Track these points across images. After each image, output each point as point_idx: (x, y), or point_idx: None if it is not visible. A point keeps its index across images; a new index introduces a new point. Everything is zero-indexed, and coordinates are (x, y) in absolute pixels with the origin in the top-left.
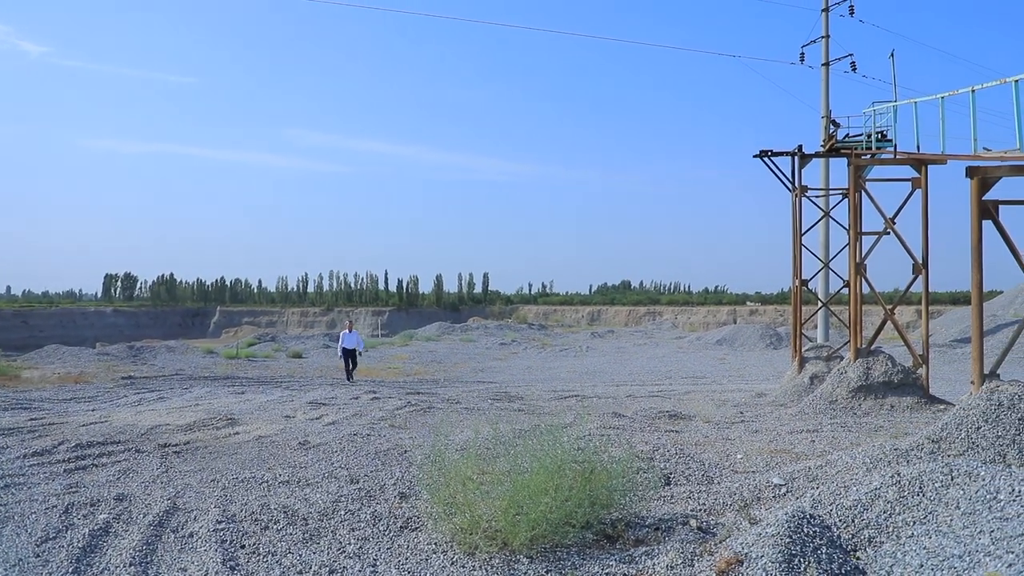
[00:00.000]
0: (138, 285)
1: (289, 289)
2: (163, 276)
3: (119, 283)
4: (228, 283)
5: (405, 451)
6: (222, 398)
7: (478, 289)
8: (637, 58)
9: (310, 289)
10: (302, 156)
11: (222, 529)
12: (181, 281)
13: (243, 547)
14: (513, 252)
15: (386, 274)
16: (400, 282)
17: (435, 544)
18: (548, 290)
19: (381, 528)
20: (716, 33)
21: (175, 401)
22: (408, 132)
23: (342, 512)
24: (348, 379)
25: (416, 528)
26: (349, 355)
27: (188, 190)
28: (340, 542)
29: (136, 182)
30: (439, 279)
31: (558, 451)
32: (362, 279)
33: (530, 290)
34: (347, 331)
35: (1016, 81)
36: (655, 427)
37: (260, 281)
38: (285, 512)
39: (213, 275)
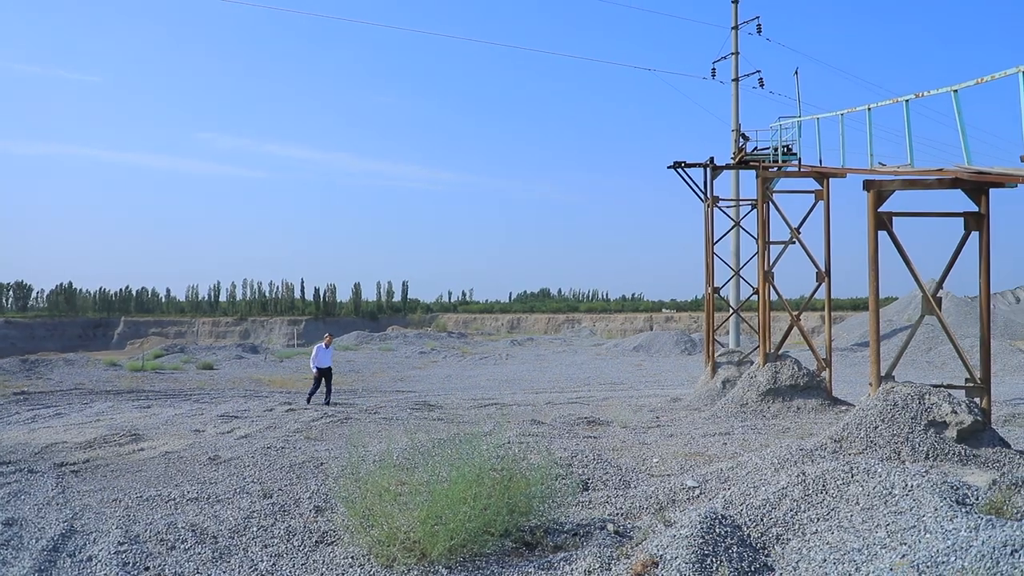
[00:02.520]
0: (33, 294)
1: (200, 298)
2: (61, 285)
3: (11, 292)
4: (134, 292)
5: (321, 463)
6: (126, 413)
7: (397, 298)
8: (556, 69)
9: (222, 298)
10: (214, 160)
11: (124, 551)
12: (81, 290)
13: (147, 569)
14: (433, 260)
15: (302, 283)
16: (317, 291)
17: (352, 558)
18: (468, 298)
19: (295, 543)
20: (633, 47)
21: (74, 417)
22: (327, 138)
23: (254, 528)
24: (325, 401)
25: (332, 542)
26: (325, 374)
27: (90, 194)
28: (252, 560)
29: (31, 185)
30: (357, 287)
31: (477, 460)
32: (277, 288)
33: (450, 298)
34: (323, 345)
35: (907, 101)
36: (574, 433)
37: (168, 290)
38: (193, 530)
39: (117, 284)
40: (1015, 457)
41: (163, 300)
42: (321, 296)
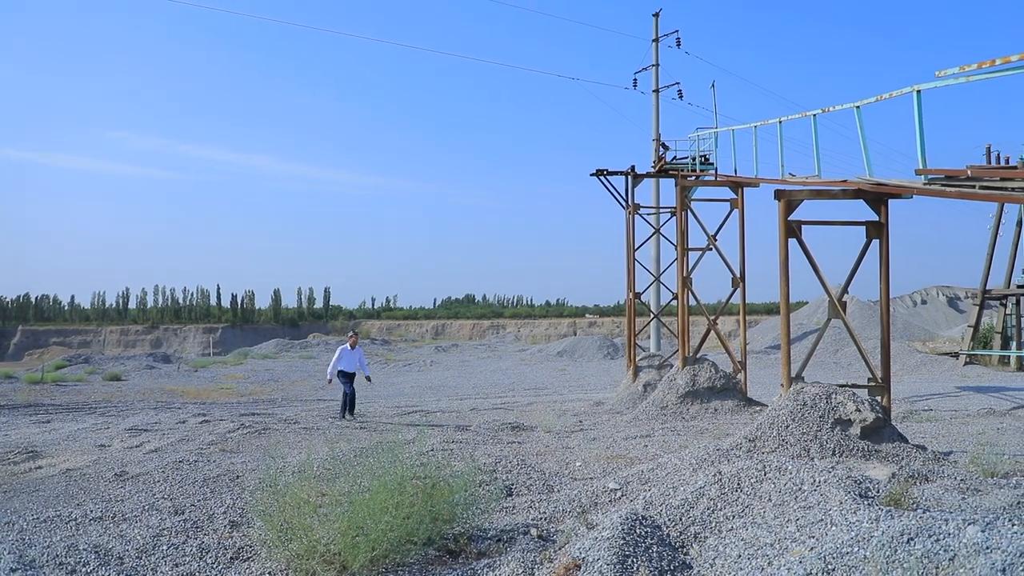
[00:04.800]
0: None
1: (107, 305)
2: None
3: None
4: (33, 299)
5: (237, 476)
6: (22, 429)
7: (319, 304)
8: (482, 75)
9: (132, 305)
10: (125, 161)
11: None
12: None
13: None
14: (356, 266)
15: (219, 289)
16: (234, 297)
17: (269, 573)
18: (392, 304)
19: (209, 561)
20: (559, 55)
21: None
22: (247, 140)
23: (164, 547)
24: (342, 414)
25: (248, 558)
26: (349, 381)
27: None
28: None
29: None
30: (277, 294)
31: (399, 468)
32: (192, 294)
33: (373, 305)
34: (348, 347)
35: (815, 115)
36: (498, 439)
37: (73, 297)
38: (97, 552)
39: (14, 291)
40: (912, 451)
41: (66, 308)
42: (239, 303)
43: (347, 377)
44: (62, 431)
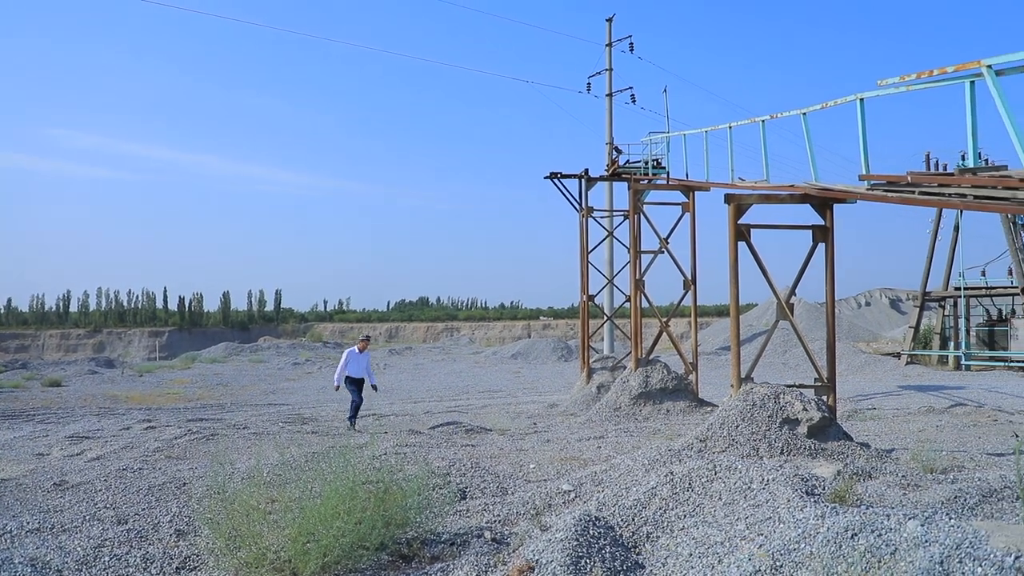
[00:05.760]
0: None
1: (46, 309)
2: None
3: None
4: None
5: (184, 484)
6: None
7: (270, 307)
8: (436, 77)
9: (73, 308)
10: (67, 159)
11: None
12: None
13: None
14: (308, 268)
15: (165, 291)
16: (182, 300)
17: None
18: (345, 307)
19: (154, 571)
20: (513, 59)
21: None
22: (197, 140)
23: (106, 558)
24: (352, 423)
25: (195, 567)
26: (357, 388)
27: None
28: None
29: None
30: (227, 296)
31: (351, 473)
32: (137, 297)
33: (326, 307)
34: (356, 350)
35: (763, 121)
36: (452, 442)
37: (10, 300)
38: (33, 565)
39: None
40: (856, 449)
41: (2, 311)
42: (186, 305)
43: (355, 384)
44: None
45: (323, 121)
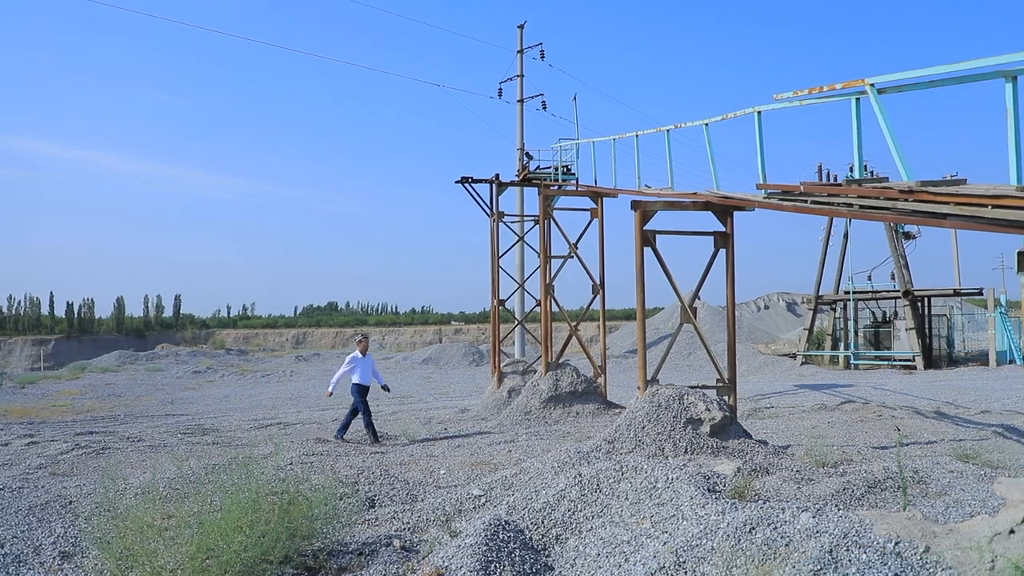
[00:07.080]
0: None
1: None
2: None
3: None
4: None
5: (70, 502)
6: None
7: (168, 313)
8: (345, 78)
9: None
10: None
11: None
12: None
13: None
14: (210, 273)
15: (51, 297)
16: (70, 306)
17: None
18: (249, 313)
19: None
20: (425, 62)
21: None
22: (87, 135)
23: None
24: (373, 437)
25: None
26: (364, 396)
27: None
28: None
29: None
30: (120, 302)
31: (253, 484)
32: (19, 303)
33: (229, 313)
34: (359, 354)
35: (668, 130)
36: (360, 450)
37: None
38: None
39: None
40: (755, 446)
41: None
42: (76, 312)
43: (363, 392)
44: None
45: (229, 120)
